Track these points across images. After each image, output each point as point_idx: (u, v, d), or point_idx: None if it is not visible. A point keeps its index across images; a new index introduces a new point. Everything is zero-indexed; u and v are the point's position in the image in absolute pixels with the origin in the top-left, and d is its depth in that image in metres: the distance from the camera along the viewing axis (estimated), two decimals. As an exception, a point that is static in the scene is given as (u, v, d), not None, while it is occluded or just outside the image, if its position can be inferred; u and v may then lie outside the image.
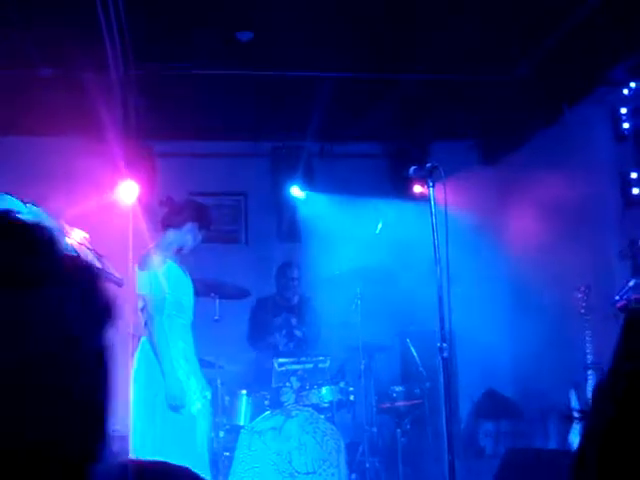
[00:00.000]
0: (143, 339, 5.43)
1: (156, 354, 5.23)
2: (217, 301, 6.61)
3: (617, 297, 5.57)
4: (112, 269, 4.48)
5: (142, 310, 5.37)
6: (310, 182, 8.59)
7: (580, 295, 6.02)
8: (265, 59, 6.93)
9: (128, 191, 7.89)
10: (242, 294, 6.98)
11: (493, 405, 8.25)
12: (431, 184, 4.27)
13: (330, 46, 6.65)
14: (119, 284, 4.51)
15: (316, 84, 7.35)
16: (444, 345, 4.09)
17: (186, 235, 5.59)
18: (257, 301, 7.67)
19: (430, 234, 4.38)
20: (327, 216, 8.31)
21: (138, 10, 5.77)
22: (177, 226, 5.57)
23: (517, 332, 8.05)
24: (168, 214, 5.66)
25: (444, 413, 4.04)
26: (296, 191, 8.58)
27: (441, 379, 4.09)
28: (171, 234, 5.57)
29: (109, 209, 7.74)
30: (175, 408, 5.20)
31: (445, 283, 4.16)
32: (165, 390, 5.18)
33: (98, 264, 4.21)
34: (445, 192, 4.22)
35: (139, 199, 7.90)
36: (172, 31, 6.40)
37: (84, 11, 5.70)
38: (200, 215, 5.70)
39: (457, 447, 6.39)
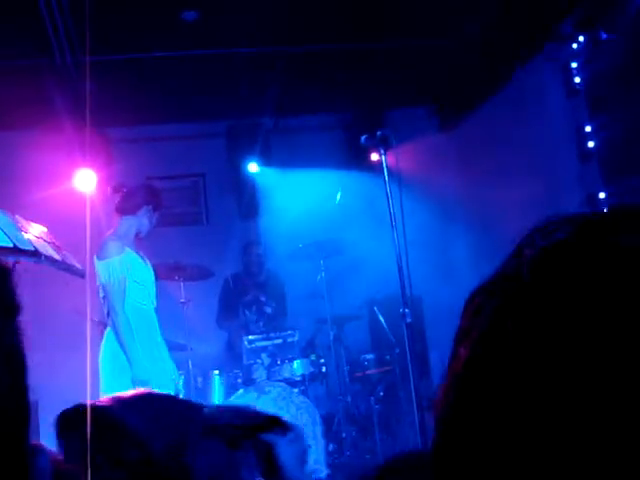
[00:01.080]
0: (108, 329, 5.41)
1: (120, 342, 5.21)
2: (182, 284, 6.62)
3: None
4: (73, 260, 4.44)
5: (104, 299, 5.35)
6: (267, 158, 8.58)
7: None
8: (212, 38, 6.89)
9: (86, 180, 7.82)
10: (206, 275, 6.98)
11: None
12: (383, 152, 4.29)
13: (277, 20, 6.62)
14: (81, 275, 4.48)
15: (266, 59, 7.34)
16: (406, 311, 4.13)
17: (142, 219, 5.55)
18: (224, 281, 7.67)
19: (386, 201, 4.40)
20: (286, 190, 8.31)
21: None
22: (132, 212, 5.53)
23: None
24: (121, 201, 5.61)
25: (412, 379, 4.08)
26: (254, 168, 8.56)
27: (407, 345, 4.13)
28: (127, 220, 5.52)
29: (67, 199, 7.68)
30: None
31: (403, 249, 4.19)
32: (132, 377, 5.17)
33: (57, 256, 4.18)
34: (397, 159, 4.24)
35: (97, 187, 7.84)
36: (118, 15, 6.34)
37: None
38: (152, 197, 5.67)
39: (430, 411, 6.46)
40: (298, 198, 8.09)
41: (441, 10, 6.64)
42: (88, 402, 1.33)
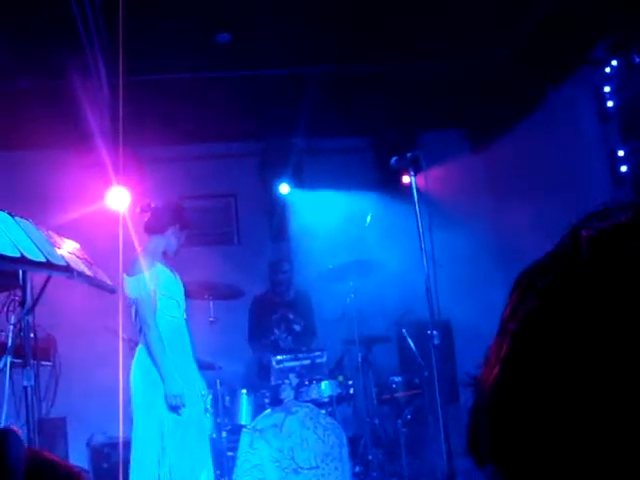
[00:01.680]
0: (140, 346, 5.47)
1: (152, 357, 5.26)
2: (211, 302, 6.65)
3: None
4: (104, 277, 4.50)
5: (135, 316, 5.42)
6: (299, 179, 8.62)
7: None
8: (245, 59, 6.97)
9: (119, 199, 7.90)
10: (236, 294, 7.01)
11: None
12: (413, 173, 4.30)
13: (311, 42, 6.68)
14: (112, 291, 4.54)
15: (299, 81, 7.38)
16: (434, 332, 4.12)
17: (169, 238, 5.67)
18: (253, 301, 7.69)
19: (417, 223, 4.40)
20: (317, 212, 8.33)
21: (117, 19, 5.79)
22: (160, 231, 5.67)
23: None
24: (149, 220, 5.76)
25: (439, 401, 4.06)
26: (285, 189, 8.60)
27: (434, 367, 4.12)
28: (156, 239, 5.66)
29: (100, 218, 7.76)
30: (175, 408, 5.24)
31: (431, 271, 4.19)
32: (164, 392, 5.21)
33: (89, 272, 4.23)
34: (428, 181, 4.25)
35: (130, 206, 7.91)
36: (153, 36, 6.43)
37: (63, 21, 5.73)
38: (179, 217, 5.79)
39: (460, 434, 6.42)
40: (329, 219, 8.11)
41: (474, 32, 6.66)
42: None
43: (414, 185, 4.27)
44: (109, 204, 7.90)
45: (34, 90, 6.97)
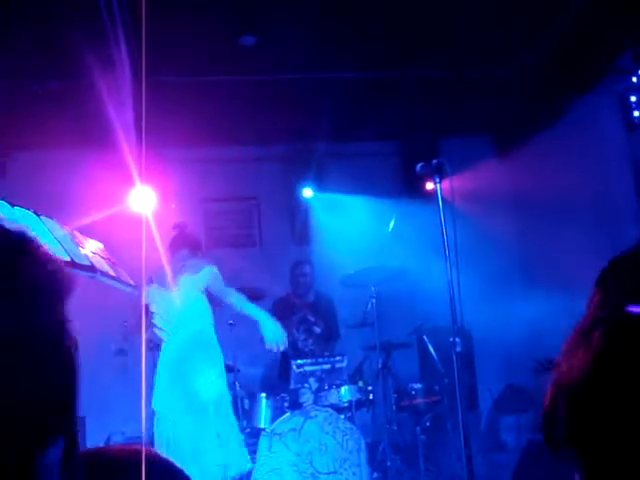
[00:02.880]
0: (164, 345, 5.82)
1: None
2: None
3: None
4: (127, 277, 4.50)
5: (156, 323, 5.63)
6: (322, 183, 8.62)
7: None
8: (270, 63, 6.98)
9: (142, 199, 7.93)
10: (257, 297, 7.00)
11: (513, 399, 8.22)
12: (438, 180, 4.28)
13: (336, 46, 6.68)
14: (135, 292, 4.54)
15: (324, 85, 7.38)
16: (457, 340, 4.10)
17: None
18: (273, 303, 7.68)
19: (441, 230, 4.38)
20: (339, 216, 8.34)
21: (142, 19, 5.81)
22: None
23: (533, 324, 8.02)
24: (178, 237, 6.26)
25: (460, 408, 4.03)
26: (308, 192, 8.61)
27: (456, 374, 4.09)
28: (184, 253, 6.14)
29: (124, 218, 7.79)
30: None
31: (455, 278, 4.16)
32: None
33: (112, 273, 4.24)
34: (452, 187, 4.22)
35: (153, 207, 7.95)
36: (178, 37, 6.45)
37: (90, 22, 5.76)
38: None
39: (478, 442, 6.40)
40: (351, 224, 8.11)
41: (501, 40, 6.64)
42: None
43: (439, 192, 4.25)
44: (132, 204, 7.93)
45: (58, 90, 7.01)
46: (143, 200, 7.92)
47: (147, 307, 5.79)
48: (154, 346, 7.14)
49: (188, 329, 5.90)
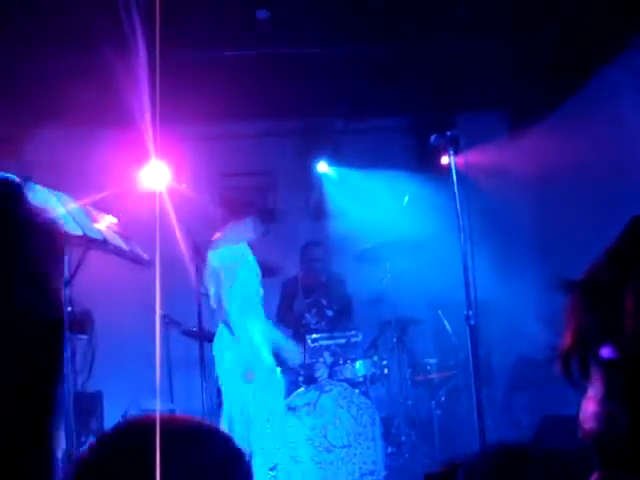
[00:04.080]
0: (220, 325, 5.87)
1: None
2: (247, 280, 6.67)
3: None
4: (140, 251, 4.53)
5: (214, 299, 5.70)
6: (337, 158, 8.59)
7: None
8: (286, 37, 6.93)
9: (157, 175, 7.93)
10: (271, 272, 7.00)
11: (528, 375, 8.20)
12: (452, 152, 4.25)
13: (352, 20, 6.63)
14: (148, 265, 4.57)
15: (339, 60, 7.34)
16: (470, 313, 4.09)
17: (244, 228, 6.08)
18: (282, 283, 7.63)
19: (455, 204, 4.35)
20: (354, 191, 8.31)
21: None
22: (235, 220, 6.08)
23: (549, 299, 7.99)
24: (225, 212, 6.21)
25: (474, 382, 4.03)
26: (323, 167, 8.59)
27: (470, 347, 4.09)
28: (231, 226, 6.09)
29: (138, 194, 7.80)
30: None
31: (469, 251, 4.15)
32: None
33: (125, 247, 4.26)
34: (466, 161, 4.20)
35: (168, 183, 7.95)
36: (192, 12, 6.42)
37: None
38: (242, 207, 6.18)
39: (493, 419, 6.39)
40: (366, 199, 8.08)
41: (518, 13, 6.57)
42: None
43: (453, 164, 4.22)
44: (147, 180, 7.94)
45: (74, 67, 7.00)
46: (158, 176, 7.92)
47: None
48: (169, 321, 7.19)
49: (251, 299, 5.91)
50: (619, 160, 6.96)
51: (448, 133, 4.32)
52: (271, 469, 5.38)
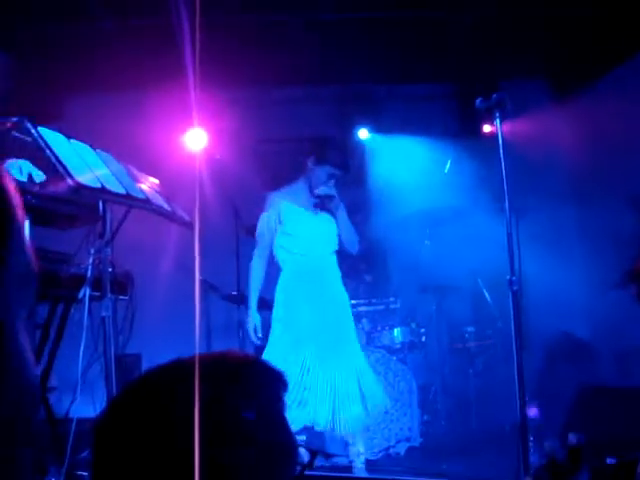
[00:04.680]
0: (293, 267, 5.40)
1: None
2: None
3: None
4: (182, 212, 4.54)
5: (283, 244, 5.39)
6: (378, 124, 8.53)
7: None
8: (328, 3, 6.87)
9: (196, 139, 7.94)
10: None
11: (568, 348, 8.13)
12: (497, 115, 4.18)
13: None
14: (189, 227, 4.58)
15: (381, 25, 7.26)
16: (513, 278, 4.04)
17: (310, 174, 5.37)
18: None
19: (498, 171, 4.28)
20: (396, 158, 8.25)
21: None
22: (300, 168, 5.50)
23: (590, 270, 7.90)
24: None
25: (515, 349, 3.99)
26: (364, 134, 8.54)
27: (511, 314, 4.05)
28: (300, 176, 5.48)
29: (180, 158, 7.82)
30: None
31: (513, 218, 4.09)
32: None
33: (167, 207, 4.27)
34: (514, 127, 4.13)
35: (207, 146, 7.97)
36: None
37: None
38: (316, 149, 5.42)
39: (532, 390, 6.36)
40: (407, 166, 8.02)
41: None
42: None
43: (499, 128, 4.13)
44: (188, 145, 7.96)
45: (113, 32, 7.00)
46: (197, 140, 7.93)
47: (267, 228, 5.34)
48: (208, 287, 7.21)
49: (325, 252, 5.43)
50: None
51: (494, 95, 4.23)
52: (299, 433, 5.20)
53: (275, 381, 1.27)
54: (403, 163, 8.11)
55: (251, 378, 1.20)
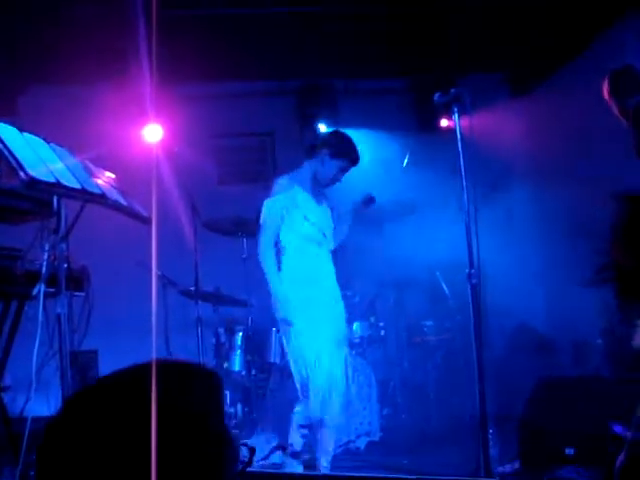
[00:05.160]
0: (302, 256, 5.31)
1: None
2: (244, 239, 6.63)
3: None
4: (138, 207, 4.47)
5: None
6: (336, 119, 8.51)
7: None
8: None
9: (153, 134, 7.87)
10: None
11: (525, 340, 8.20)
12: (455, 110, 4.18)
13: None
14: (146, 222, 4.52)
15: (338, 20, 7.25)
16: (472, 271, 4.05)
17: (318, 165, 5.36)
18: None
19: (456, 165, 4.28)
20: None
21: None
22: (309, 155, 5.44)
23: (547, 264, 7.98)
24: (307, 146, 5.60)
25: (474, 341, 4.00)
26: (322, 128, 8.52)
27: (471, 307, 4.06)
28: (307, 163, 5.43)
29: (136, 152, 7.75)
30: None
31: (472, 211, 4.10)
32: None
33: (124, 202, 4.21)
34: (472, 121, 4.14)
35: (164, 142, 7.90)
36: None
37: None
38: (330, 144, 5.40)
39: (489, 383, 6.39)
40: (365, 160, 8.01)
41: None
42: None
43: (457, 123, 4.14)
44: (144, 139, 7.88)
45: (69, 24, 6.90)
46: (154, 135, 7.86)
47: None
48: (166, 282, 7.15)
49: (330, 242, 5.45)
50: (617, 126, 6.88)
51: (452, 90, 4.23)
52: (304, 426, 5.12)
53: (218, 387, 1.26)
54: (362, 157, 8.10)
55: (199, 385, 1.19)
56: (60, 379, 3.82)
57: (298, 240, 5.21)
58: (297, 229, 5.20)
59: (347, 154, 5.36)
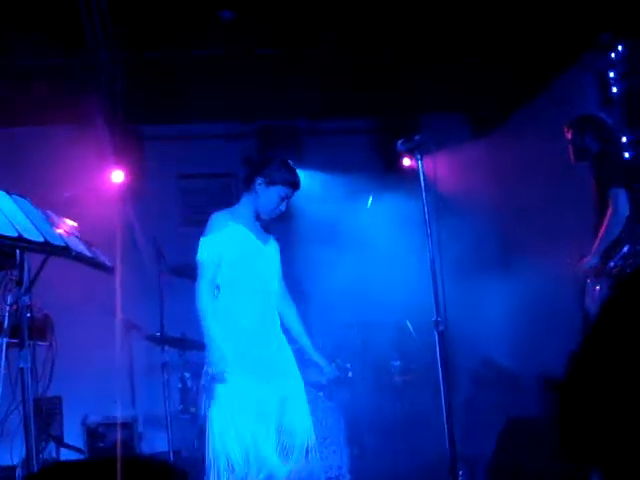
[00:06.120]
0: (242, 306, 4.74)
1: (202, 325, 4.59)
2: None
3: (612, 263, 5.52)
4: (103, 257, 4.44)
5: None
6: (300, 160, 8.53)
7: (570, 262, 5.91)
8: (248, 38, 6.88)
9: (116, 177, 7.85)
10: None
11: (490, 375, 8.23)
12: (419, 157, 4.21)
13: (314, 21, 6.61)
14: (110, 271, 4.48)
15: (301, 61, 7.31)
16: (439, 319, 4.07)
17: (257, 196, 4.75)
18: None
19: (420, 207, 4.31)
20: (317, 193, 8.26)
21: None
22: (246, 187, 4.83)
23: (511, 301, 8.02)
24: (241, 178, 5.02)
25: (442, 387, 4.01)
26: (285, 169, 8.53)
27: (438, 353, 4.07)
28: (244, 198, 4.83)
29: (99, 196, 7.71)
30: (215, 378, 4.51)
31: (437, 256, 4.13)
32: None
33: (88, 253, 4.17)
34: (435, 164, 4.18)
35: (127, 184, 7.88)
36: (154, 14, 6.35)
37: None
38: (266, 170, 4.75)
39: (457, 420, 6.40)
40: (330, 201, 8.04)
41: (477, 13, 6.58)
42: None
43: (420, 168, 4.17)
44: (106, 183, 7.86)
45: (36, 67, 6.89)
46: (117, 178, 7.84)
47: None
48: (130, 326, 7.09)
49: (272, 286, 4.89)
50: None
51: (416, 137, 4.23)
52: None
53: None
54: (326, 199, 8.14)
55: None
56: (24, 430, 3.77)
57: (236, 283, 4.70)
58: (235, 271, 4.69)
59: (283, 179, 4.78)
